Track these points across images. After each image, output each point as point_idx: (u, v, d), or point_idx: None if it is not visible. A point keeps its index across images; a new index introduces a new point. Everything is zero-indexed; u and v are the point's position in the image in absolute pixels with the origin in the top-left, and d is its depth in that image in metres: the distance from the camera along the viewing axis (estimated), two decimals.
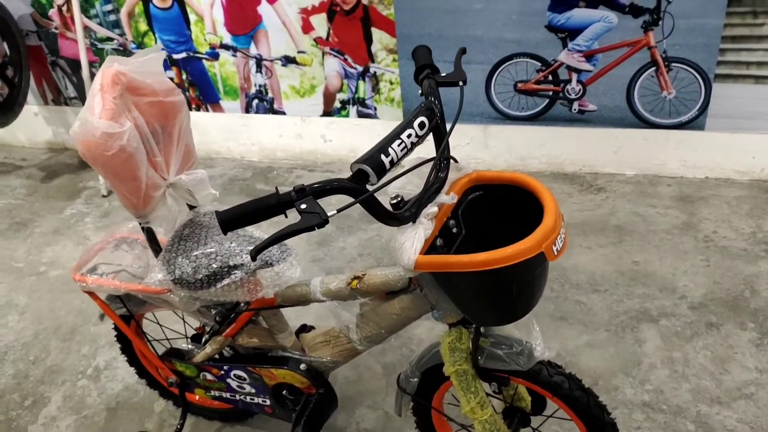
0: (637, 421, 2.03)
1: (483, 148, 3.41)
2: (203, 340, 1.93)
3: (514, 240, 1.28)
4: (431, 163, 1.44)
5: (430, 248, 1.42)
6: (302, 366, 1.81)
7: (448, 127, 1.47)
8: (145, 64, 1.63)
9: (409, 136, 1.38)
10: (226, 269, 1.65)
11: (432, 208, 1.41)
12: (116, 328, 2.03)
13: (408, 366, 1.72)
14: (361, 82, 3.42)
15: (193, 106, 3.82)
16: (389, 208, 1.40)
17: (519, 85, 3.21)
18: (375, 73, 3.38)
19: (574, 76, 3.11)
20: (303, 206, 1.23)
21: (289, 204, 1.24)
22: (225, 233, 1.26)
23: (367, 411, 2.19)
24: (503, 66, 3.19)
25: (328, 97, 3.52)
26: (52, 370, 2.51)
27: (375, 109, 3.46)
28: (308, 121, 3.65)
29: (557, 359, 2.28)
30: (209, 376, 1.95)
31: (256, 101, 3.67)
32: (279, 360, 1.85)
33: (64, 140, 4.36)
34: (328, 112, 3.57)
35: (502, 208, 1.52)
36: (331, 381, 2.24)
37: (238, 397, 1.97)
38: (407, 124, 1.39)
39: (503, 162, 3.43)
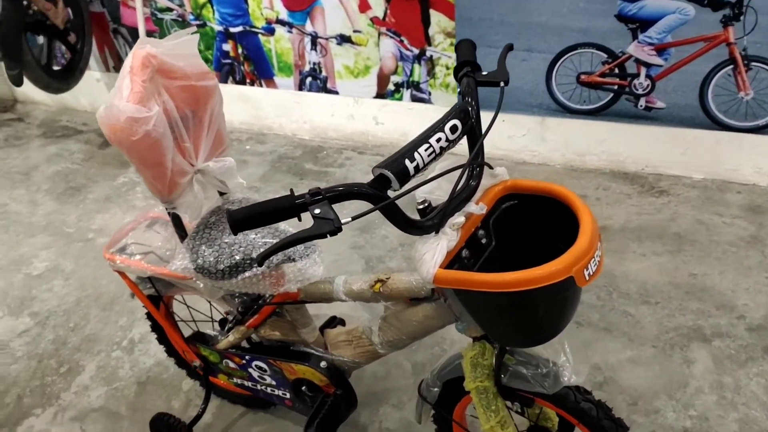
0: None
1: (539, 141, 3.26)
2: (226, 328, 1.91)
3: (549, 257, 1.18)
4: (462, 169, 1.33)
5: (455, 259, 1.34)
6: (323, 364, 1.76)
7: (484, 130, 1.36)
8: (178, 46, 1.58)
9: (438, 140, 1.29)
10: (248, 261, 1.61)
11: (459, 218, 1.32)
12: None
13: (430, 374, 1.65)
14: (416, 65, 3.31)
15: (248, 80, 3.80)
16: (416, 213, 1.32)
17: (582, 76, 3.03)
18: (431, 56, 3.26)
19: (643, 71, 2.91)
20: (317, 211, 1.16)
21: (303, 207, 1.18)
22: (235, 234, 1.20)
23: (391, 410, 2.13)
24: (566, 56, 3.01)
25: (382, 79, 3.43)
26: (89, 339, 2.56)
27: (429, 93, 3.34)
28: (361, 102, 3.57)
29: (596, 373, 2.16)
30: (231, 364, 1.93)
31: (309, 79, 3.62)
32: (300, 355, 1.80)
33: None
34: (381, 94, 3.48)
35: (538, 220, 1.41)
36: (358, 375, 2.22)
37: (259, 387, 1.94)
38: (437, 127, 1.30)
39: (559, 156, 3.27)
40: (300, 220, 1.21)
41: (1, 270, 3.01)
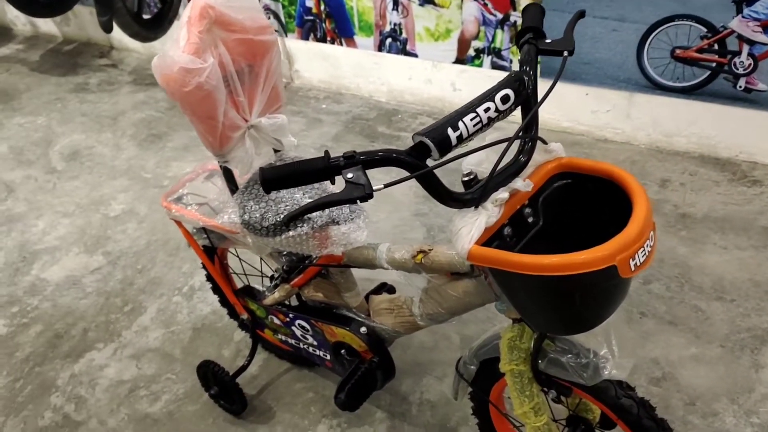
0: None
1: (624, 118, 3.07)
2: (272, 284, 1.92)
3: (599, 242, 1.10)
4: (510, 141, 1.24)
5: (495, 236, 1.27)
6: (363, 329, 1.75)
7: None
8: None
9: (486, 110, 1.21)
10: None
11: (502, 194, 1.25)
12: None
13: (468, 351, 1.61)
14: (499, 31, 3.17)
15: (328, 38, 3.77)
16: (461, 186, 1.26)
17: (677, 51, 2.81)
18: (515, 22, 3.11)
19: (746, 48, 2.66)
20: (350, 175, 1.13)
21: (337, 170, 1.14)
22: (267, 192, 1.18)
23: (434, 382, 2.10)
24: (661, 28, 2.80)
25: (463, 44, 3.31)
26: (153, 282, 2.66)
27: (511, 61, 3.21)
28: (439, 66, 3.47)
29: (654, 368, 2.04)
30: (276, 321, 1.95)
31: (389, 40, 3.55)
32: (342, 319, 1.80)
33: None
34: (460, 60, 3.37)
35: (593, 202, 1.31)
36: (405, 343, 2.21)
37: (301, 345, 1.96)
38: (487, 95, 1.22)
39: (644, 136, 3.07)
40: (333, 183, 1.18)
41: (82, 209, 3.16)
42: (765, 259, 2.40)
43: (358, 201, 1.11)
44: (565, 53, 1.32)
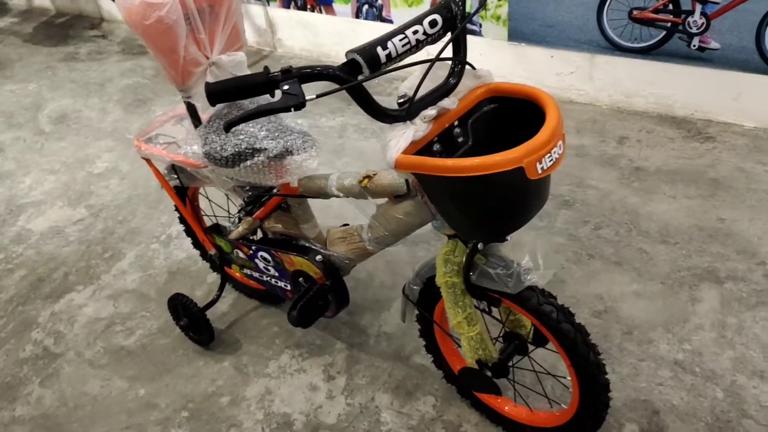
0: (662, 377, 1.91)
1: (587, 80, 3.19)
2: (236, 218, 2.05)
3: None
4: (432, 62, 1.37)
5: (424, 151, 1.39)
6: (318, 257, 1.87)
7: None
8: None
9: (415, 32, 1.34)
10: (250, 151, 1.72)
11: (430, 111, 1.37)
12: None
13: (412, 273, 1.73)
14: None
15: (309, 6, 3.88)
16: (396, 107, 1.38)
17: (635, 12, 2.93)
18: None
19: (698, 7, 2.78)
20: (285, 87, 1.25)
21: (275, 83, 1.27)
22: (212, 104, 1.30)
23: (391, 316, 2.23)
24: None
25: None
26: (133, 231, 2.79)
27: (480, 26, 3.32)
28: None
29: (597, 302, 2.17)
30: (241, 254, 2.07)
31: (366, 7, 3.66)
32: (299, 248, 1.92)
33: None
34: None
35: (518, 123, 1.43)
36: (366, 283, 2.34)
37: (264, 278, 2.08)
38: (417, 19, 1.35)
39: (606, 97, 3.19)
40: (273, 96, 1.31)
41: (67, 167, 3.29)
42: (711, 207, 2.53)
43: (292, 109, 1.23)
44: None
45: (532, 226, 2.20)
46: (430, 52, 1.31)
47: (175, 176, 2.08)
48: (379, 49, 1.30)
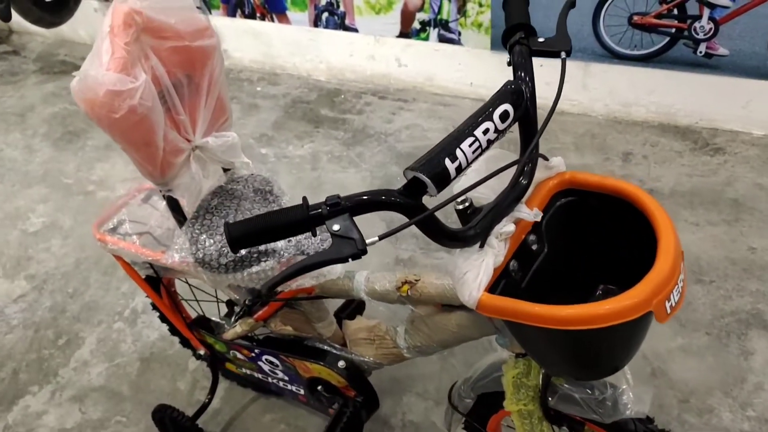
0: None
1: (580, 89, 2.94)
2: (233, 318, 1.70)
3: (611, 266, 1.00)
4: (518, 167, 1.06)
5: (502, 274, 1.10)
6: (341, 363, 1.56)
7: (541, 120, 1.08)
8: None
9: (486, 131, 1.02)
10: (255, 255, 1.38)
11: (507, 227, 1.07)
12: None
13: (462, 383, 1.46)
14: (445, 1, 2.96)
15: (258, 14, 3.46)
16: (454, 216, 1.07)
17: (635, 17, 2.68)
18: None
19: (706, 12, 2.56)
20: (335, 227, 0.93)
21: (320, 221, 0.94)
22: (235, 252, 0.97)
23: (415, 400, 1.95)
24: None
25: (407, 16, 3.08)
26: (89, 307, 2.38)
27: (459, 34, 3.01)
28: (382, 41, 3.23)
29: (643, 363, 1.95)
30: (239, 356, 1.74)
31: (325, 14, 3.28)
32: (316, 352, 1.61)
33: None
34: (405, 33, 3.14)
35: (600, 219, 1.16)
36: None
37: (270, 380, 1.76)
38: (483, 113, 1.02)
39: (602, 106, 2.96)
40: (315, 235, 0.98)
41: None
42: (738, 234, 2.34)
43: (350, 259, 0.92)
44: (563, 54, 1.14)
45: None
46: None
47: (148, 265, 1.71)
48: (447, 162, 0.98)
